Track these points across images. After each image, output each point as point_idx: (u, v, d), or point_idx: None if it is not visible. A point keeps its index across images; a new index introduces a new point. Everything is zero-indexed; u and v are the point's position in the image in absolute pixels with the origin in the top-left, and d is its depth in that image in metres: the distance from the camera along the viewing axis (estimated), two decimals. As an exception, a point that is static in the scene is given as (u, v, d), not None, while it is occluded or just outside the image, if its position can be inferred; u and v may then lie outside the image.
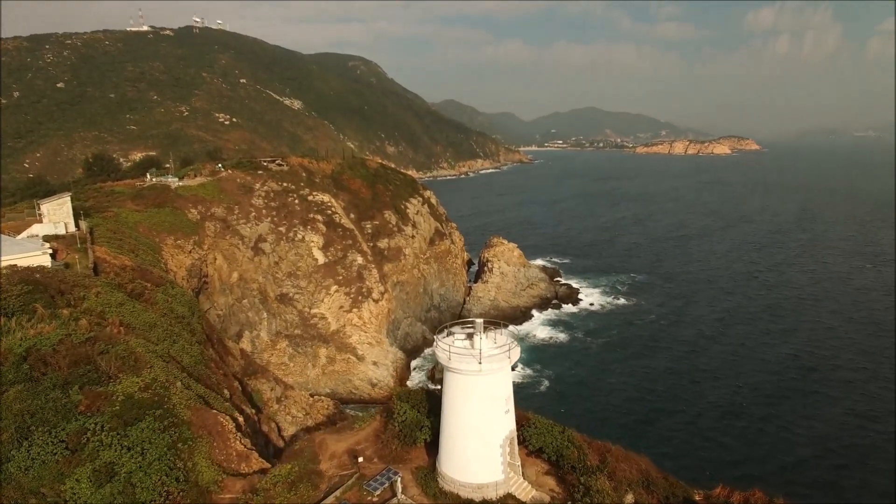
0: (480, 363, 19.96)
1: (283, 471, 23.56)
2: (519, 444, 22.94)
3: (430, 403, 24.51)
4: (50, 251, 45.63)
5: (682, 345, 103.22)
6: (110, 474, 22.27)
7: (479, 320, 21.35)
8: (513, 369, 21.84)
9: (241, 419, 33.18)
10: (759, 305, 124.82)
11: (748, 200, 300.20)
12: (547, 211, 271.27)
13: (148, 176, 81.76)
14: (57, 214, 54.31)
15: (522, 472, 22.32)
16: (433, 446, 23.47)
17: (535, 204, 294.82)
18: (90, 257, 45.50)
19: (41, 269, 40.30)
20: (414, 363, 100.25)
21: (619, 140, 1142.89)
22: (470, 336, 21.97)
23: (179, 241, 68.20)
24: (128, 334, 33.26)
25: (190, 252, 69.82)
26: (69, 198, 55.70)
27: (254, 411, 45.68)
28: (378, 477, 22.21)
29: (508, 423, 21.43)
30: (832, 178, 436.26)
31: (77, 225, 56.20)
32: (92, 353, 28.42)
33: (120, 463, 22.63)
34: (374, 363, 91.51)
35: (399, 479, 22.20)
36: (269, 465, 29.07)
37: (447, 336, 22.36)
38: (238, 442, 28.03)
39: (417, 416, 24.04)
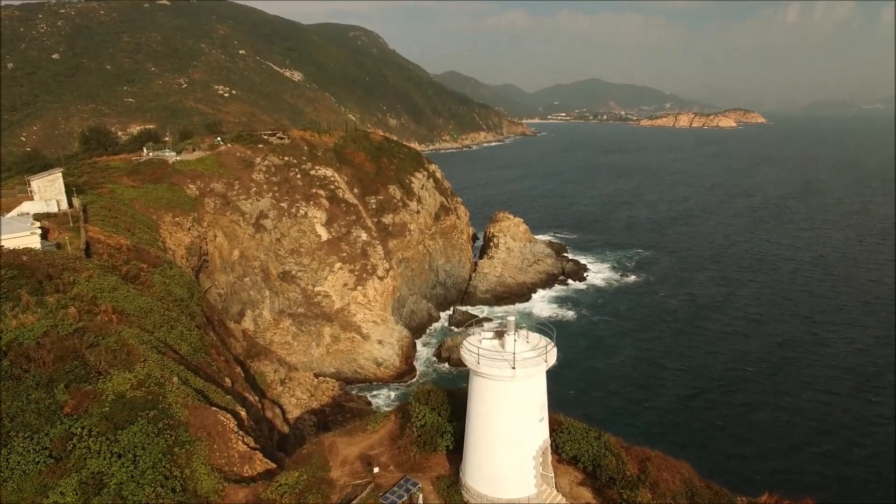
0: (514, 368, 17.55)
1: (290, 479, 21.36)
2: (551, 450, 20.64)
3: (453, 406, 22.19)
4: (39, 231, 43.12)
5: (691, 323, 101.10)
6: (99, 486, 20.07)
7: (512, 318, 18.86)
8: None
9: (243, 414, 31.05)
10: (768, 279, 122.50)
11: (752, 174, 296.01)
12: (551, 184, 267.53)
13: (144, 150, 78.71)
14: (48, 191, 51.66)
15: (556, 483, 20.07)
16: (455, 453, 21.25)
17: (539, 177, 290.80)
18: (82, 237, 42.99)
19: (29, 251, 37.81)
20: (420, 341, 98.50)
21: (622, 112, 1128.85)
22: (499, 335, 19.52)
23: (178, 219, 65.63)
24: (120, 322, 30.92)
25: (189, 229, 67.30)
26: (61, 174, 52.96)
27: (257, 398, 43.68)
28: (395, 488, 20.00)
29: (542, 433, 19.13)
30: (835, 151, 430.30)
31: (70, 202, 53.59)
32: (80, 346, 26.10)
33: (109, 473, 20.42)
34: (380, 342, 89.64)
35: (420, 492, 20.00)
36: (274, 466, 26.98)
37: (472, 334, 19.89)
38: (240, 442, 25.86)
39: (438, 419, 21.74)
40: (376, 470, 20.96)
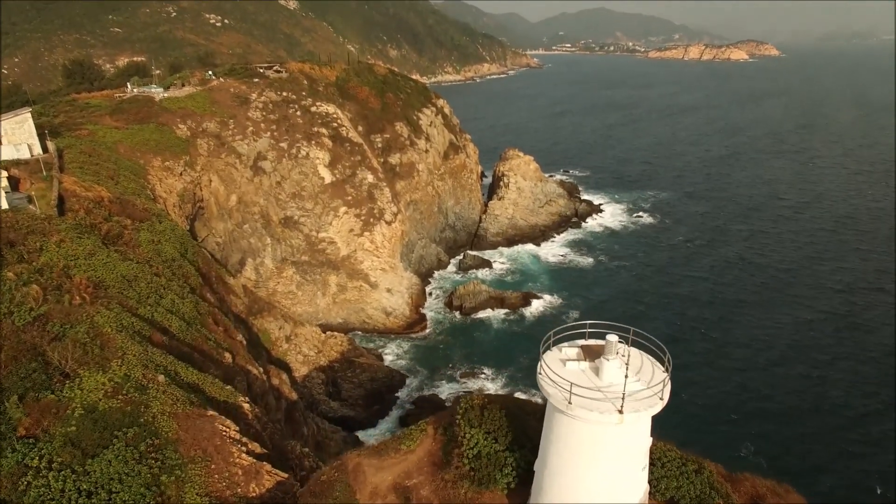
0: (622, 411, 12.53)
1: (308, 519, 16.82)
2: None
3: (514, 428, 17.36)
4: (5, 182, 37.41)
5: (710, 269, 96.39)
6: (61, 540, 15.56)
7: (613, 337, 13.61)
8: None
9: (246, 407, 26.48)
10: (786, 223, 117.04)
11: (765, 110, 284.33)
12: (559, 120, 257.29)
13: (129, 86, 71.47)
14: (17, 135, 45.47)
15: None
16: (520, 491, 16.59)
17: (546, 112, 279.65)
18: (54, 190, 37.30)
19: (-11, 209, 32.34)
20: (429, 288, 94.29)
21: (630, 44, 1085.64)
22: (588, 352, 14.39)
23: (168, 163, 59.52)
24: (95, 301, 25.83)
25: (181, 175, 61.33)
26: (30, 114, 46.60)
27: (261, 370, 39.30)
28: (446, 542, 15.42)
29: (643, 481, 14.34)
30: (852, 84, 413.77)
31: (44, 147, 47.50)
32: (41, 339, 21.11)
33: (75, 521, 15.86)
34: (388, 290, 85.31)
35: (477, 548, 15.48)
36: (286, 476, 22.55)
37: (552, 349, 14.73)
38: (243, 454, 21.30)
39: (495, 448, 16.97)
40: (418, 514, 16.39)
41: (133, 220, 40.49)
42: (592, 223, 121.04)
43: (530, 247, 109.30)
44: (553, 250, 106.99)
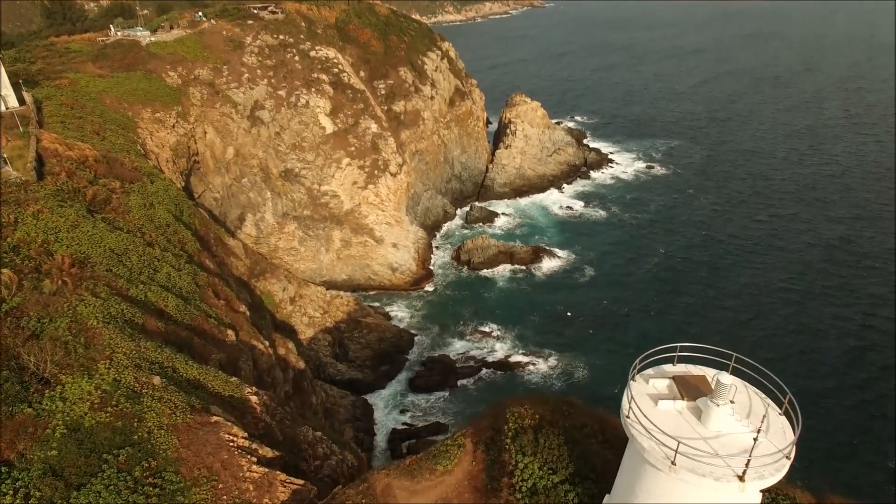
0: (743, 479, 9.70)
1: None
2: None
3: (575, 458, 14.68)
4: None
5: (724, 222, 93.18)
6: None
7: (727, 378, 10.59)
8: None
9: (254, 400, 23.90)
10: (807, 177, 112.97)
11: (785, 57, 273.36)
12: (565, 64, 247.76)
13: (112, 28, 65.96)
14: (-11, 85, 41.36)
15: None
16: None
17: (552, 55, 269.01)
18: (31, 150, 33.65)
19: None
20: (435, 241, 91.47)
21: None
22: (685, 386, 11.47)
23: (159, 114, 55.30)
24: (79, 285, 22.82)
25: (173, 127, 57.21)
26: (0, 61, 42.20)
27: (266, 344, 36.77)
28: None
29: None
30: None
31: (21, 98, 43.41)
32: (14, 339, 18.22)
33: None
34: (394, 245, 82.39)
35: None
36: (301, 484, 20.19)
37: (636, 379, 11.80)
38: (254, 464, 18.80)
39: (553, 480, 14.36)
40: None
41: (122, 182, 37.07)
42: (602, 173, 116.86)
43: (539, 198, 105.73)
44: (562, 201, 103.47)
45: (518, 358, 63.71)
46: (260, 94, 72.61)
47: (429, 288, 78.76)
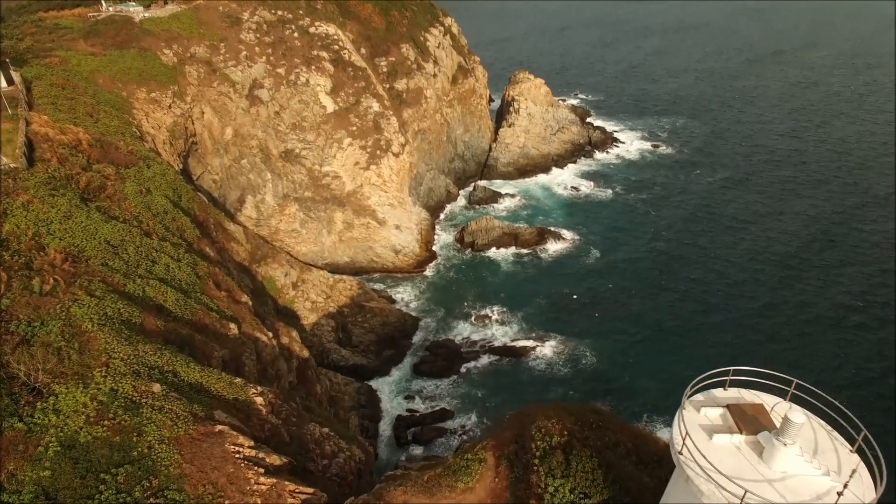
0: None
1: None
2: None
3: (608, 481, 13.56)
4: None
5: (733, 203, 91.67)
6: None
7: (799, 416, 9.30)
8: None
9: (259, 400, 22.81)
10: (817, 153, 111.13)
11: (791, 32, 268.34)
12: (566, 38, 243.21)
13: (103, 4, 63.65)
14: (-25, 64, 39.58)
15: None
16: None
17: (552, 29, 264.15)
18: (20, 134, 32.07)
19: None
20: (438, 223, 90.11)
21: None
22: (739, 417, 10.24)
23: (154, 94, 53.42)
24: (73, 282, 21.53)
25: (169, 107, 55.38)
26: (-12, 40, 40.40)
27: (269, 335, 35.64)
28: None
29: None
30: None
31: (10, 78, 41.61)
32: (3, 346, 17.00)
33: None
34: (397, 227, 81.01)
35: None
36: (311, 492, 19.18)
37: (686, 408, 10.59)
38: (262, 478, 17.75)
39: (588, 505, 13.27)
40: None
41: (117, 167, 35.56)
42: (607, 152, 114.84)
43: (543, 178, 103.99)
44: (567, 181, 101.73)
45: (523, 343, 62.80)
46: (258, 72, 70.50)
47: (432, 270, 77.62)
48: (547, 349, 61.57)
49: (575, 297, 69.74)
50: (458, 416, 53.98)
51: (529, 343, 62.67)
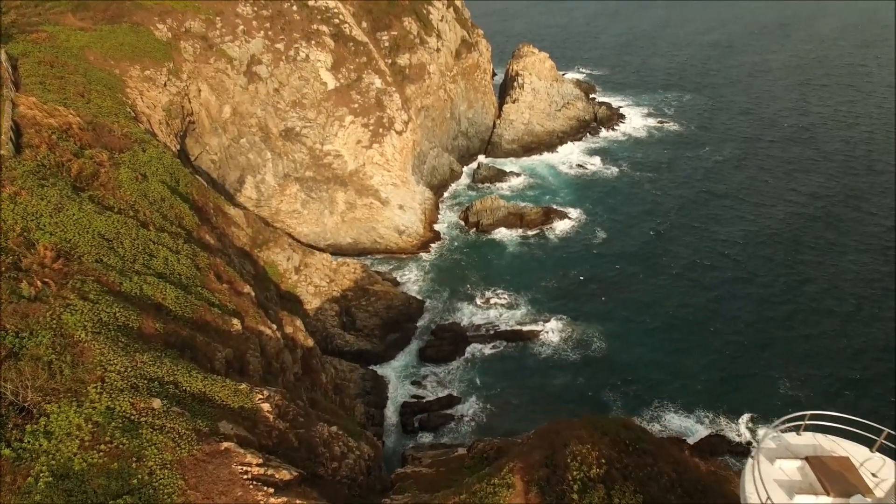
0: None
1: None
2: None
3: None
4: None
5: (742, 181, 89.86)
6: None
7: (888, 468, 7.96)
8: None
9: (265, 407, 21.53)
10: (830, 131, 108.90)
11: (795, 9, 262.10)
12: (568, 8, 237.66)
13: (94, -25, 61.01)
14: (-41, 42, 37.49)
15: None
16: None
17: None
18: (6, 118, 30.26)
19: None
20: (442, 202, 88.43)
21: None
22: (821, 472, 8.88)
23: (148, 72, 51.23)
24: (65, 284, 20.05)
25: (165, 85, 53.21)
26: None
27: (273, 327, 34.32)
28: None
29: None
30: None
31: (-4, 56, 39.49)
32: (-13, 363, 15.61)
33: None
34: (401, 207, 79.32)
35: None
36: (324, 509, 18.01)
37: (758, 458, 9.22)
38: (271, 499, 16.55)
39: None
40: None
41: (110, 152, 33.82)
42: (613, 129, 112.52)
43: (548, 156, 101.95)
44: (573, 159, 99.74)
45: (530, 326, 61.64)
46: (256, 47, 68.05)
47: (437, 251, 76.20)
48: (553, 333, 60.45)
49: (582, 278, 68.47)
50: (464, 401, 53.05)
51: (536, 327, 61.53)
